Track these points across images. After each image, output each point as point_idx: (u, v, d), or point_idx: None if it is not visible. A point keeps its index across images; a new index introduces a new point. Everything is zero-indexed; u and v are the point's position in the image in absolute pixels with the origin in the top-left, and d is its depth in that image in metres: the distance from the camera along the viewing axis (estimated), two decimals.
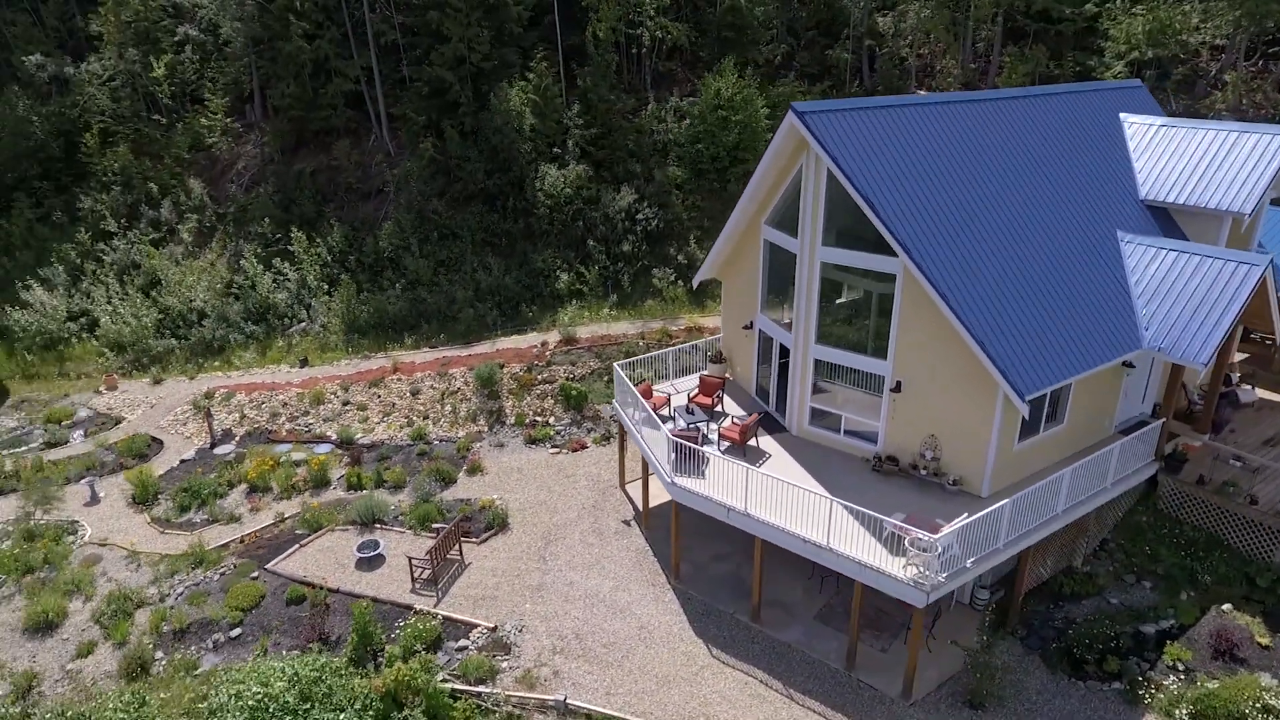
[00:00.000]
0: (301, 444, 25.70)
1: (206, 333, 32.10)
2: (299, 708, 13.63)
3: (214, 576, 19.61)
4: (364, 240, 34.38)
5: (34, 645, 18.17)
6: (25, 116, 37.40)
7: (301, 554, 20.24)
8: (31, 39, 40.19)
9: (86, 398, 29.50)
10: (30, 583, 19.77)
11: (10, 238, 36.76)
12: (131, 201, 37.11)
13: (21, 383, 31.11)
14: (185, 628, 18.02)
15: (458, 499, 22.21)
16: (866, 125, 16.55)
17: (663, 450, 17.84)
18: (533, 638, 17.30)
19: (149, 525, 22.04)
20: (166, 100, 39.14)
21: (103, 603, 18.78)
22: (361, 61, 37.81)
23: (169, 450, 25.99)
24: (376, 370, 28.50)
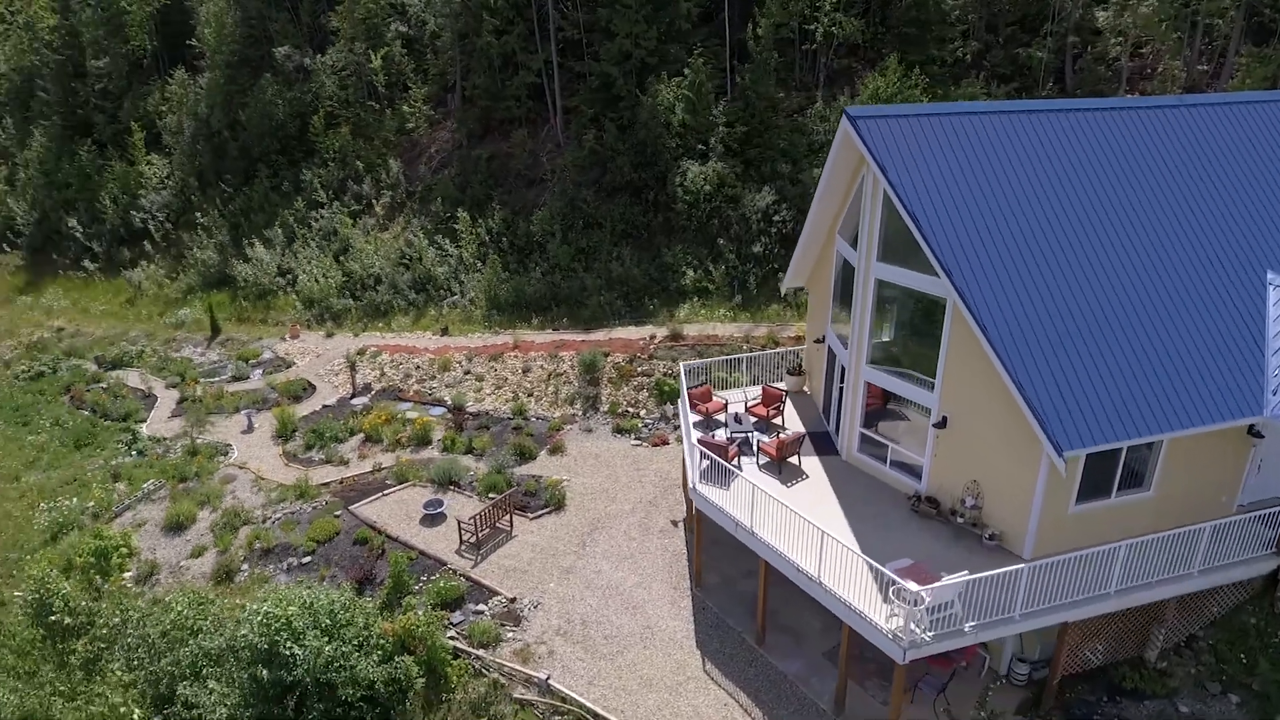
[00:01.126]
0: (421, 404, 28.23)
1: (377, 297, 36.03)
2: (305, 632, 15.30)
3: (308, 509, 22.32)
4: (519, 224, 36.69)
5: (166, 540, 21.85)
6: (272, 100, 43.95)
7: (381, 502, 22.42)
8: (288, 34, 47.07)
9: (273, 343, 34.39)
10: (179, 490, 23.69)
11: (250, 202, 43.45)
12: (342, 177, 42.36)
13: (234, 324, 36.87)
14: (271, 548, 20.76)
15: (529, 474, 23.34)
16: (924, 133, 15.16)
17: (691, 454, 17.66)
18: (544, 615, 17.97)
19: (279, 457, 25.47)
20: (381, 89, 44.10)
21: (221, 515, 22.11)
22: (544, 55, 40.18)
23: (319, 395, 29.68)
24: (500, 346, 30.50)
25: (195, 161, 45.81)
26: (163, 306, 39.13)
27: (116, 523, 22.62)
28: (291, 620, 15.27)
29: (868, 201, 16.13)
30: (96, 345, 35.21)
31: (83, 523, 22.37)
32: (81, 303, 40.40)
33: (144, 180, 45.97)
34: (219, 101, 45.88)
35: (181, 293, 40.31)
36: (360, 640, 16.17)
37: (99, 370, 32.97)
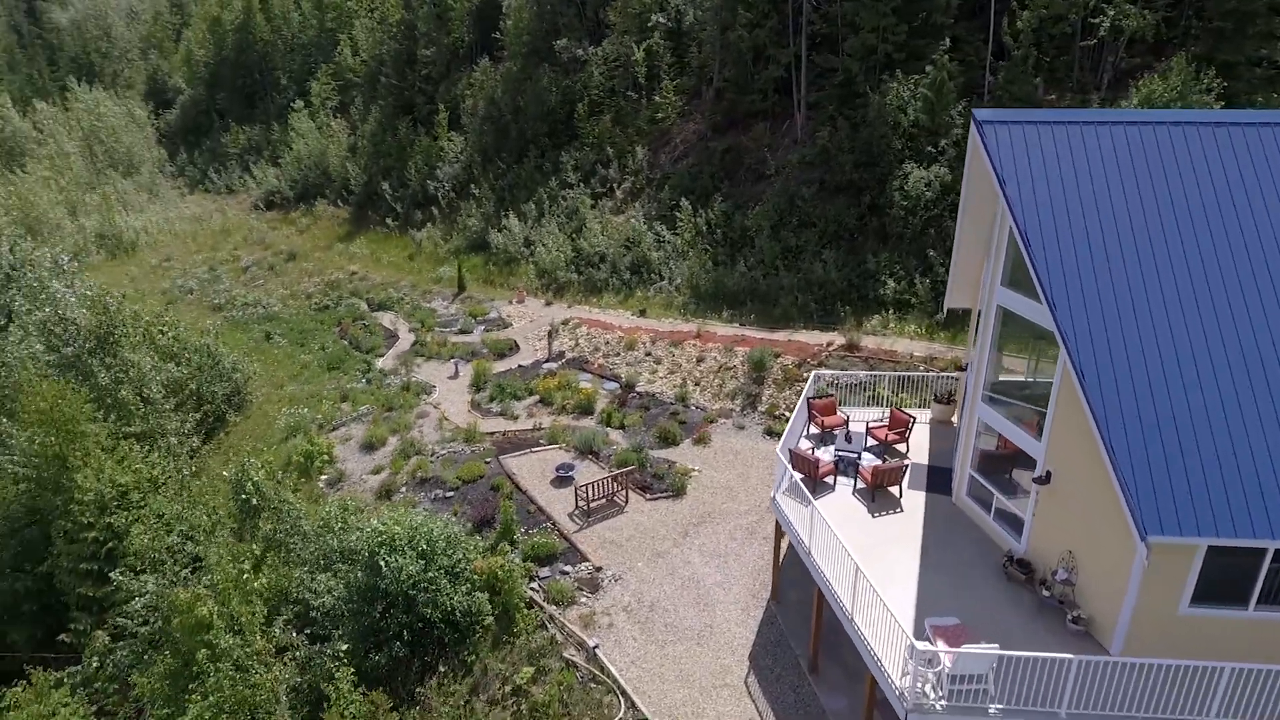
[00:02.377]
0: (599, 377, 30.02)
1: (597, 275, 38.62)
2: (404, 550, 17.49)
3: (468, 451, 25.06)
4: (736, 218, 37.00)
5: (359, 455, 25.88)
6: (547, 87, 48.59)
7: (526, 457, 24.46)
8: (572, 28, 51.56)
9: (501, 305, 38.45)
10: (380, 416, 27.83)
11: (517, 178, 48.58)
12: (594, 161, 45.71)
13: (478, 285, 41.75)
14: (428, 478, 23.73)
15: (666, 458, 23.92)
16: (1058, 144, 13.09)
17: (779, 462, 17.11)
18: (619, 589, 18.62)
19: (467, 403, 28.73)
20: (641, 80, 46.68)
21: (402, 443, 25.66)
22: (795, 49, 39.80)
23: (519, 355, 32.81)
24: (684, 333, 31.28)
25: (482, 140, 52.14)
26: (433, 264, 45.38)
27: (332, 435, 27.25)
28: (394, 538, 17.56)
29: (997, 218, 14.33)
30: (374, 289, 42.02)
31: (309, 429, 27.25)
32: (377, 253, 48.20)
33: (442, 155, 53.35)
34: (507, 88, 51.69)
35: (450, 253, 46.40)
36: (453, 570, 18.10)
37: (367, 310, 39.40)
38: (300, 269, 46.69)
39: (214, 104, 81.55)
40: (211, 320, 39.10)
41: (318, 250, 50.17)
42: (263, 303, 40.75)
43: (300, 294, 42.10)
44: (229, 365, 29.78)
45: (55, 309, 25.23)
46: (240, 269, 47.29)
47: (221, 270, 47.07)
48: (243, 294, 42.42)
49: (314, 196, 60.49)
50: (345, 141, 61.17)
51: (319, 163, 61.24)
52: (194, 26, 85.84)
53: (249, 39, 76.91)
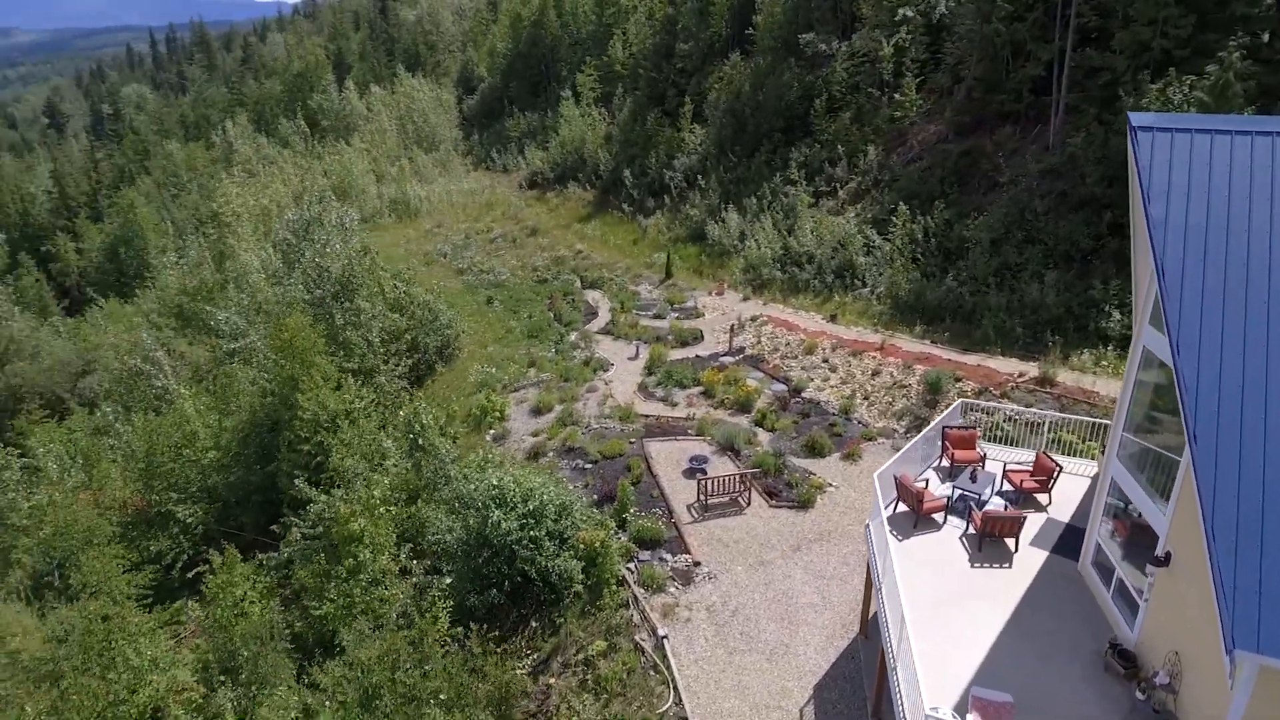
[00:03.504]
0: (769, 377, 29.54)
1: (800, 274, 37.74)
2: (516, 507, 18.84)
3: (617, 429, 26.06)
4: (956, 227, 34.10)
5: (526, 417, 28.01)
6: (788, 82, 47.98)
7: (668, 444, 24.90)
8: (825, 21, 50.25)
9: (700, 295, 39.03)
10: (554, 384, 29.76)
11: (747, 172, 48.67)
12: (823, 159, 44.47)
13: (686, 274, 42.68)
14: (574, 448, 25.10)
15: (806, 469, 23.08)
16: (1215, 156, 10.63)
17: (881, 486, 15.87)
18: (710, 588, 18.49)
19: (636, 385, 29.77)
20: (887, 76, 44.40)
21: (563, 412, 27.32)
22: (1059, 44, 35.60)
23: (701, 345, 33.21)
24: (867, 344, 29.66)
25: (720, 133, 52.86)
26: (653, 250, 47.12)
27: (511, 395, 29.71)
28: (506, 495, 18.99)
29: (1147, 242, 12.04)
30: (592, 268, 44.65)
31: (494, 387, 29.96)
32: (606, 236, 51.05)
33: (682, 146, 54.94)
34: (753, 82, 51.82)
35: (670, 241, 47.86)
36: (560, 535, 19.15)
37: (579, 286, 42.02)
38: (537, 244, 50.87)
39: (507, 92, 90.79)
40: (453, 282, 44.12)
41: (558, 228, 54.27)
42: (495, 271, 45.10)
43: (529, 266, 45.94)
44: (444, 321, 33.55)
45: (314, 257, 30.15)
46: (489, 239, 52.64)
47: (474, 239, 52.76)
48: (483, 261, 47.27)
49: (569, 179, 65.31)
50: (602, 130, 65.20)
51: (578, 148, 65.91)
52: (500, 22, 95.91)
53: (541, 33, 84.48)
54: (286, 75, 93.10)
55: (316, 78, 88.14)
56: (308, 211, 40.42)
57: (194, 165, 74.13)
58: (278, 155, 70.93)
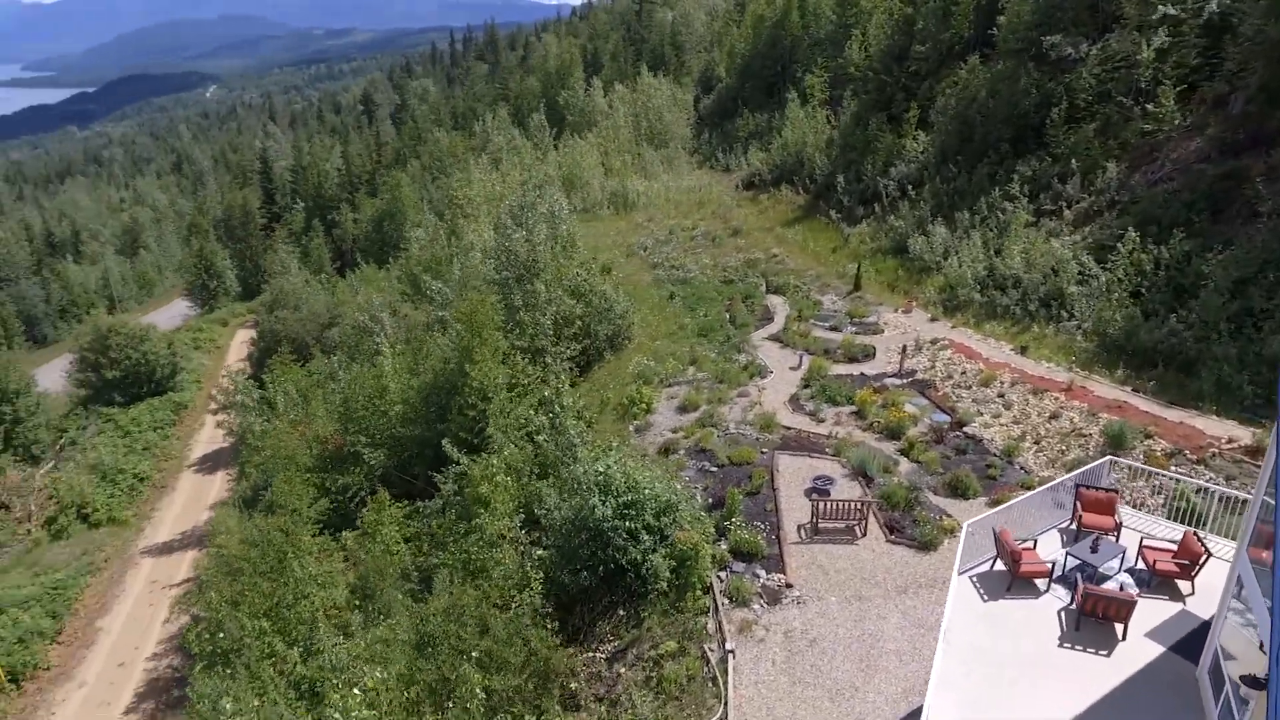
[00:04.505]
0: (933, 406, 27.53)
1: (1001, 299, 34.54)
2: (619, 496, 19.47)
3: (754, 436, 25.74)
4: (1197, 261, 29.35)
5: (672, 413, 28.52)
6: (1024, 88, 43.71)
7: (799, 459, 24.18)
8: (1080, 22, 44.94)
9: (885, 310, 37.08)
10: (704, 383, 29.93)
11: (964, 185, 45.12)
12: (1053, 174, 40.12)
13: (879, 289, 40.63)
14: (705, 450, 25.21)
15: (943, 509, 21.42)
16: None
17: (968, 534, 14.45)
18: (794, 613, 17.91)
19: (788, 396, 29.13)
20: (1144, 84, 38.98)
21: (706, 413, 27.48)
22: None
23: (870, 364, 31.62)
24: (1052, 382, 26.64)
25: (943, 142, 49.47)
26: (850, 260, 45.40)
27: (666, 389, 30.36)
28: (610, 483, 19.67)
29: None
30: (782, 274, 43.96)
31: (650, 380, 30.80)
32: (807, 242, 49.92)
33: (902, 153, 52.16)
34: (988, 88, 47.90)
35: (871, 252, 45.79)
36: (659, 530, 19.54)
37: (763, 291, 41.59)
38: (735, 245, 50.96)
39: (742, 92, 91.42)
40: (644, 275, 45.65)
41: (761, 230, 53.95)
42: (686, 268, 45.88)
43: (720, 266, 46.17)
44: (618, 312, 34.94)
45: (503, 241, 32.81)
46: (691, 236, 53.57)
47: (676, 235, 53.99)
48: (677, 258, 48.28)
49: (784, 181, 64.54)
50: (824, 133, 63.62)
51: (798, 151, 64.89)
52: (743, 23, 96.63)
53: (781, 34, 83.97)
54: (542, 73, 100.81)
55: (568, 75, 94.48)
56: (523, 199, 43.80)
57: (454, 152, 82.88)
58: (523, 146, 77.20)
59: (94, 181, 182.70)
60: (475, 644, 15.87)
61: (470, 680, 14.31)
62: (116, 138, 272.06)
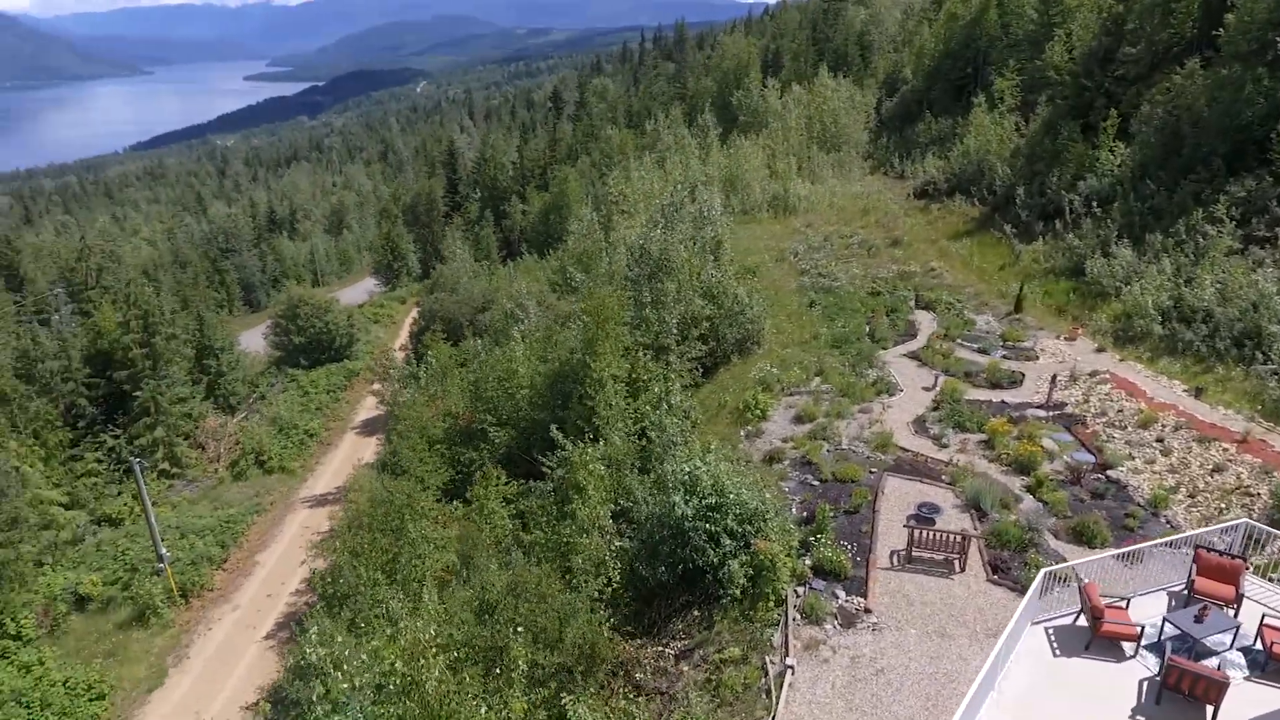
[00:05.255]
0: (1078, 443, 25.08)
1: (1186, 334, 30.71)
2: (704, 498, 19.36)
3: (865, 455, 24.63)
4: None
5: (787, 422, 27.86)
6: (1250, 96, 38.45)
7: (908, 484, 22.89)
8: None
9: (1045, 336, 34.10)
10: (832, 397, 28.94)
11: (1163, 204, 40.35)
12: (1274, 195, 35.08)
13: (1045, 312, 37.28)
14: (808, 463, 24.46)
15: (1061, 553, 19.50)
16: None
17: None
18: (866, 640, 17.08)
19: (913, 417, 27.57)
20: None
21: (820, 424, 26.62)
22: None
23: (1016, 391, 29.25)
24: (1226, 432, 23.41)
25: (1143, 155, 44.57)
26: (1017, 279, 42.07)
27: (786, 398, 29.69)
28: (696, 483, 19.61)
29: None
30: (936, 289, 41.49)
31: (771, 386, 30.24)
32: (971, 257, 46.79)
33: (1094, 166, 47.54)
34: (1207, 95, 42.63)
35: (1044, 272, 42.18)
36: (740, 535, 19.28)
37: (911, 305, 39.43)
38: (892, 255, 48.65)
39: (928, 95, 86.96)
40: (790, 281, 44.72)
41: (925, 242, 51.19)
42: (834, 276, 44.35)
43: (872, 277, 44.22)
44: (750, 316, 34.51)
45: (640, 240, 33.37)
46: (847, 244, 51.72)
47: (832, 242, 52.32)
48: (827, 265, 46.77)
49: (960, 191, 60.78)
50: (1010, 141, 59.22)
51: (979, 159, 60.87)
52: (935, 22, 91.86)
53: (975, 33, 79.01)
54: (718, 72, 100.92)
55: (743, 75, 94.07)
56: (672, 198, 44.30)
57: (624, 150, 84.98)
58: (689, 146, 77.83)
59: (314, 167, 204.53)
60: (528, 618, 16.44)
61: (514, 651, 14.86)
62: (337, 128, 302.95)
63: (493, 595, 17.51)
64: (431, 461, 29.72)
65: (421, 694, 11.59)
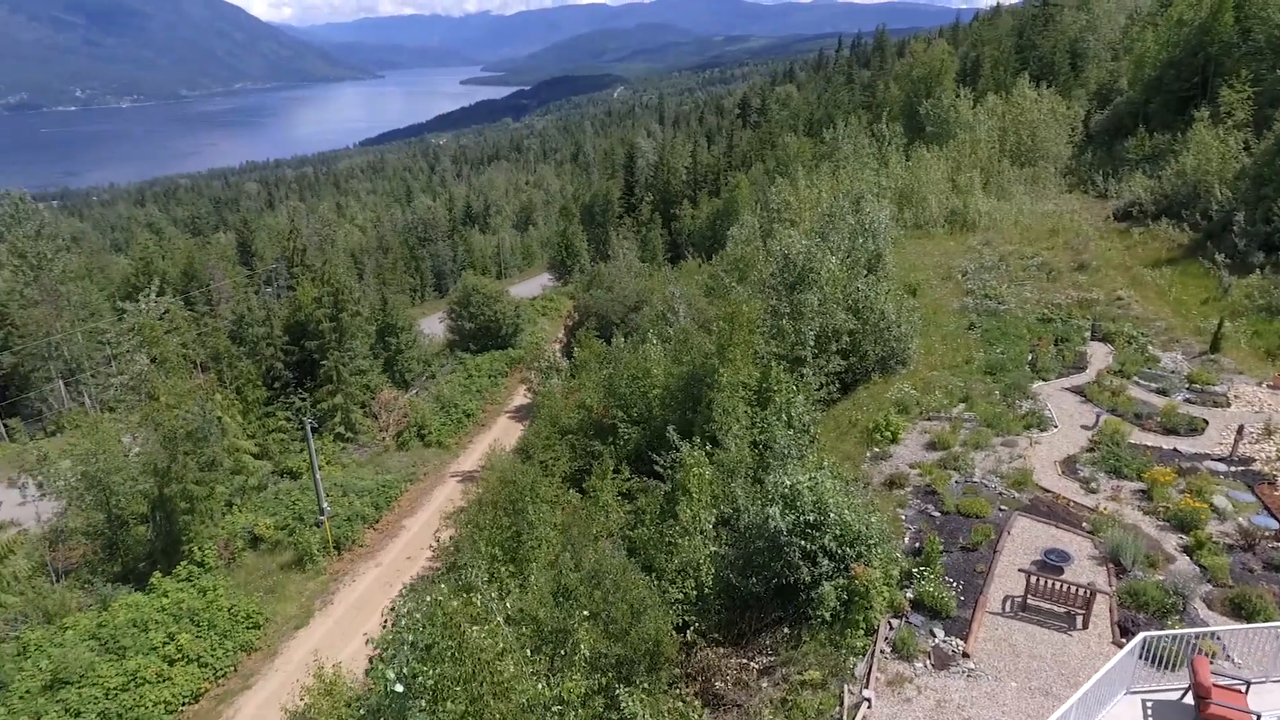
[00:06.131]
0: (1262, 506, 21.90)
1: None
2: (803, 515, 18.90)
3: (998, 491, 22.92)
4: None
5: (919, 448, 26.47)
6: None
7: (1040, 527, 21.10)
8: None
9: (1238, 380, 29.97)
10: (975, 426, 27.11)
11: None
12: None
13: (1247, 354, 32.69)
14: (933, 493, 23.12)
15: (1210, 623, 17.23)
16: None
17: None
18: (957, 686, 16.04)
19: (1064, 456, 25.26)
20: None
21: (953, 453, 25.08)
22: None
23: (1195, 439, 25.96)
24: None
25: None
26: (1223, 315, 37.23)
27: (924, 421, 28.19)
28: (796, 499, 19.20)
29: None
30: (1119, 320, 37.43)
31: (906, 408, 28.84)
32: (1170, 288, 41.85)
33: None
34: None
35: (1258, 310, 37.04)
36: (839, 557, 18.71)
37: (1086, 337, 35.88)
38: (1074, 281, 44.43)
39: (1145, 109, 78.65)
40: (954, 301, 42.19)
41: (1115, 269, 46.38)
42: (1002, 299, 41.19)
43: (1046, 303, 40.65)
44: (897, 334, 33.00)
45: (783, 250, 32.93)
46: (1025, 266, 47.87)
47: (1008, 262, 48.62)
48: (996, 287, 43.53)
49: (1169, 215, 54.56)
50: (1236, 161, 52.34)
51: (1195, 180, 54.36)
52: (1158, 28, 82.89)
53: (1206, 40, 70.50)
54: (907, 80, 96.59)
55: (934, 83, 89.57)
56: (832, 208, 43.24)
57: (800, 158, 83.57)
58: (866, 155, 75.27)
59: (511, 166, 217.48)
60: (600, 606, 16.81)
61: (579, 635, 15.25)
62: (537, 129, 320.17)
63: (570, 580, 18.09)
64: (559, 450, 30.93)
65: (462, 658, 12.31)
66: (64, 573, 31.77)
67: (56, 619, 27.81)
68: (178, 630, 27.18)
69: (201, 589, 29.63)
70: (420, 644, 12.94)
